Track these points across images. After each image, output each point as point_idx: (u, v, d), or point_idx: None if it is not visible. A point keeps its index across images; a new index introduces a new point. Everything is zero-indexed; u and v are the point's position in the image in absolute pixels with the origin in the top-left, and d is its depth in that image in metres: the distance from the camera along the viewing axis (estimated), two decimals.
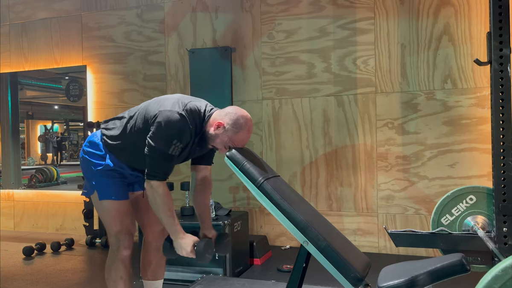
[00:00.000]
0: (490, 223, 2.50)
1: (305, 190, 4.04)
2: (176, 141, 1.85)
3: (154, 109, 1.92)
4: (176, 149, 1.86)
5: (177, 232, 1.91)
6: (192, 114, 1.90)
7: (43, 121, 6.85)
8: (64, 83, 5.22)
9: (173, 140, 1.84)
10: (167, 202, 1.91)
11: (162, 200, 1.89)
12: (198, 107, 1.94)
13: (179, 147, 1.87)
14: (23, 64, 5.13)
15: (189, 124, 1.88)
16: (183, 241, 1.90)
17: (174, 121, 1.84)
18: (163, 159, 1.87)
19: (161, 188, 1.89)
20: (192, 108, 1.91)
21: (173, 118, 1.85)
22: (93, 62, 4.80)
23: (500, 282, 1.23)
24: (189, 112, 1.89)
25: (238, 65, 4.24)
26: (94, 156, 2.07)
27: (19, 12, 5.12)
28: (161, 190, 1.89)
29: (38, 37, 5.04)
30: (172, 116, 1.85)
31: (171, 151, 1.85)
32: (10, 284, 3.20)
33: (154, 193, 1.89)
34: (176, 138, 1.85)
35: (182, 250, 1.90)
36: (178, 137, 1.85)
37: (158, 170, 1.88)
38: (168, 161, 1.88)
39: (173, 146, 1.85)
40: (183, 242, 1.90)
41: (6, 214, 5.17)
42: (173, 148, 1.85)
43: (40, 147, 6.76)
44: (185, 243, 1.90)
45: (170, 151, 1.85)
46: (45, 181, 5.49)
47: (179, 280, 3.13)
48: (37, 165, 6.29)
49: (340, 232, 1.95)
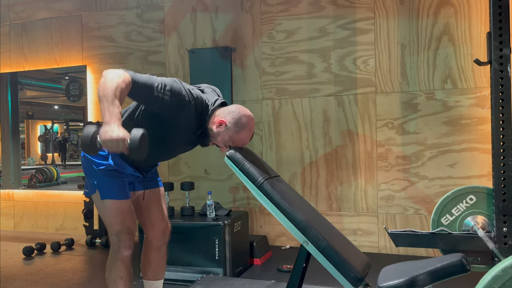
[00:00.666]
0: (490, 223, 2.50)
1: (305, 190, 4.04)
2: (169, 88, 1.77)
3: None
4: (163, 93, 1.75)
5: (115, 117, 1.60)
6: (196, 98, 1.89)
7: (43, 121, 6.86)
8: (64, 83, 5.22)
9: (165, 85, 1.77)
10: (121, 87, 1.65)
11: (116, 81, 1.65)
12: (203, 98, 1.94)
13: (166, 91, 1.77)
14: (23, 64, 5.13)
15: (191, 100, 1.85)
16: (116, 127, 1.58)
17: (173, 80, 1.83)
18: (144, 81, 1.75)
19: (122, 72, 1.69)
20: (198, 95, 1.91)
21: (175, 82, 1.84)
22: (93, 62, 4.80)
23: (500, 282, 1.23)
24: (193, 93, 1.89)
25: (238, 65, 4.24)
26: (96, 155, 2.06)
27: (19, 12, 5.12)
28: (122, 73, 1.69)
29: (38, 37, 5.04)
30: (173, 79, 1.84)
31: (156, 86, 1.75)
32: (10, 284, 3.20)
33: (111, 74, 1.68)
34: (170, 87, 1.78)
35: (112, 133, 1.55)
36: (172, 88, 1.79)
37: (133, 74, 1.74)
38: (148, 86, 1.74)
39: (161, 85, 1.76)
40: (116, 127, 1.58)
41: (6, 214, 5.16)
42: (160, 86, 1.75)
43: (40, 146, 6.77)
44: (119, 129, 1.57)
45: (156, 84, 1.76)
46: (45, 181, 5.49)
47: (179, 280, 3.13)
48: (37, 165, 6.30)
49: (340, 232, 1.96)
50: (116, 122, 1.59)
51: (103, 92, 1.63)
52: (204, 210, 3.42)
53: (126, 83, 1.68)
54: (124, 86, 1.67)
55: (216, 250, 3.10)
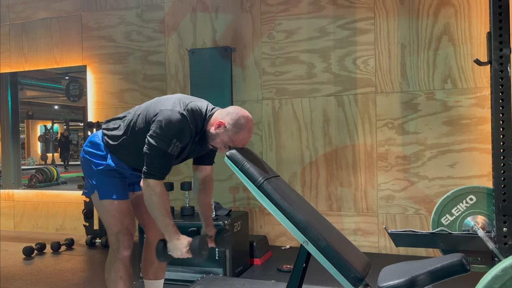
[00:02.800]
0: (490, 223, 2.50)
1: (305, 190, 4.04)
2: (176, 140, 1.84)
3: (155, 108, 1.92)
4: (176, 148, 1.86)
5: (172, 233, 1.88)
6: (193, 114, 1.90)
7: (43, 121, 6.85)
8: (64, 83, 5.22)
9: (173, 139, 1.84)
10: (164, 202, 1.89)
11: (159, 199, 1.88)
12: (199, 107, 1.94)
13: (179, 146, 1.86)
14: (23, 64, 5.13)
15: (190, 124, 1.88)
16: (178, 242, 1.87)
17: (174, 120, 1.84)
18: (162, 158, 1.87)
19: (158, 187, 1.88)
20: (193, 108, 1.91)
21: (173, 117, 1.84)
22: (93, 62, 4.80)
23: (500, 282, 1.23)
24: (190, 112, 1.89)
25: (238, 65, 4.24)
26: (95, 155, 2.07)
27: (19, 12, 5.12)
28: (158, 189, 1.88)
29: (38, 37, 5.04)
30: (172, 115, 1.85)
31: (171, 150, 1.85)
32: (10, 284, 3.20)
33: (150, 192, 1.88)
34: (176, 138, 1.84)
35: (177, 250, 1.87)
36: (178, 136, 1.85)
37: (156, 169, 1.87)
38: (166, 160, 1.87)
39: (173, 145, 1.84)
40: (178, 243, 1.87)
41: (6, 214, 5.16)
42: (172, 147, 1.85)
43: (40, 146, 6.76)
44: (181, 244, 1.87)
45: (169, 150, 1.85)
46: (45, 181, 5.49)
47: (179, 280, 3.13)
48: (37, 165, 6.29)
49: (340, 232, 1.95)
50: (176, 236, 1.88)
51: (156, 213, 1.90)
52: None
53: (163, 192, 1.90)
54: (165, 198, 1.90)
55: (216, 250, 3.10)
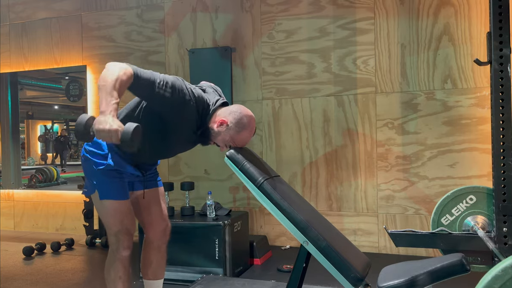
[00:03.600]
0: (490, 223, 2.50)
1: (305, 190, 4.04)
2: (169, 85, 1.76)
3: None
4: (163, 90, 1.75)
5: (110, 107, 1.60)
6: (197, 98, 1.88)
7: (43, 121, 6.85)
8: (64, 83, 5.22)
9: (165, 81, 1.77)
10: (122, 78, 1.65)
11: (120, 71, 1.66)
12: (204, 98, 1.93)
13: (168, 90, 1.77)
14: (23, 64, 5.13)
15: (191, 98, 1.85)
16: (110, 118, 1.58)
17: (177, 80, 1.82)
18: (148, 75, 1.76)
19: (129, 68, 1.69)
20: (199, 94, 1.91)
21: (177, 79, 1.83)
22: (93, 62, 4.80)
23: (500, 282, 1.23)
24: (196, 93, 1.88)
25: (238, 65, 4.24)
26: (96, 155, 2.06)
27: (19, 12, 5.12)
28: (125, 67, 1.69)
29: (38, 37, 5.04)
30: (175, 77, 1.84)
31: (158, 84, 1.75)
32: (10, 284, 3.20)
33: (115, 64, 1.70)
34: (172, 86, 1.77)
35: (106, 124, 1.56)
36: (173, 86, 1.78)
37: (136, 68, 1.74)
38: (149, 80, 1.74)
39: (163, 83, 1.76)
40: (110, 118, 1.58)
41: (6, 214, 5.16)
42: (162, 84, 1.75)
43: (40, 146, 6.76)
44: (112, 121, 1.57)
45: (157, 81, 1.75)
46: (45, 181, 5.49)
47: (179, 280, 3.13)
48: (37, 165, 6.29)
49: (340, 232, 1.96)
50: (112, 113, 1.59)
51: (103, 82, 1.64)
52: (204, 210, 3.42)
53: (127, 76, 1.68)
54: (125, 79, 1.66)
55: (216, 250, 3.10)
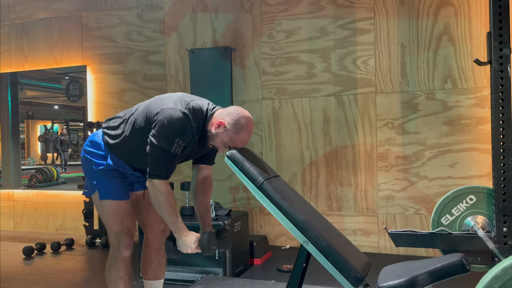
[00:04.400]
0: (490, 223, 2.50)
1: (305, 190, 4.04)
2: (179, 139, 1.85)
3: (156, 107, 1.91)
4: (178, 148, 1.86)
5: (180, 230, 1.91)
6: (194, 113, 1.89)
7: (43, 121, 6.85)
8: (64, 83, 5.22)
9: (175, 138, 1.84)
10: (170, 201, 1.90)
11: (165, 198, 1.89)
12: (200, 106, 1.94)
13: (181, 145, 1.86)
14: (23, 64, 5.13)
15: (192, 123, 1.87)
16: (187, 239, 1.90)
17: (176, 119, 1.84)
18: (165, 158, 1.87)
19: (164, 187, 1.89)
20: (195, 107, 1.91)
21: (175, 116, 1.84)
22: (93, 62, 4.80)
23: (500, 282, 1.23)
24: (192, 111, 1.89)
25: (238, 65, 4.24)
26: (96, 155, 2.06)
27: (19, 12, 5.12)
28: (164, 188, 1.89)
29: (38, 37, 5.04)
30: (174, 114, 1.84)
31: (174, 149, 1.85)
32: (10, 284, 3.20)
33: (156, 192, 1.89)
34: (179, 137, 1.84)
35: (187, 247, 1.91)
36: (180, 135, 1.85)
37: (160, 169, 1.88)
38: (170, 159, 1.88)
39: (175, 144, 1.84)
40: (187, 239, 1.90)
41: (6, 214, 5.16)
42: (175, 147, 1.85)
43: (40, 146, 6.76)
44: (190, 240, 1.90)
45: (172, 149, 1.85)
46: (45, 181, 5.49)
47: (179, 280, 3.13)
48: (37, 165, 6.29)
49: (340, 232, 1.95)
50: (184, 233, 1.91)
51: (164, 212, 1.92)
52: None
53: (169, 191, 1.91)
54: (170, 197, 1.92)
55: (216, 250, 3.09)
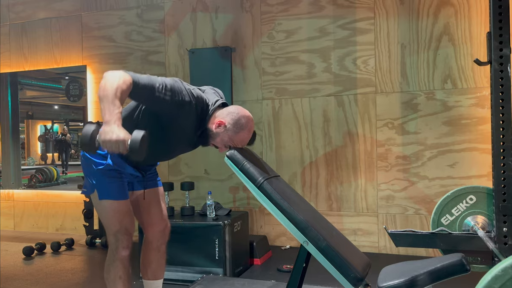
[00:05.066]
0: (490, 223, 2.50)
1: (305, 190, 4.04)
2: (168, 88, 1.77)
3: None
4: (163, 94, 1.76)
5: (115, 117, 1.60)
6: (196, 97, 1.88)
7: (43, 121, 6.85)
8: (64, 83, 5.22)
9: (164, 84, 1.78)
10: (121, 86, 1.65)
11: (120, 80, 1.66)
12: (203, 97, 1.93)
13: (168, 93, 1.77)
14: (23, 64, 5.13)
15: (191, 98, 1.85)
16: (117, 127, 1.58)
17: (175, 82, 1.83)
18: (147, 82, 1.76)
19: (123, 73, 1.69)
20: (198, 94, 1.91)
21: (175, 81, 1.83)
22: (93, 62, 4.80)
23: (500, 282, 1.23)
24: (194, 93, 1.88)
25: (238, 65, 4.24)
26: (95, 155, 2.06)
27: (19, 12, 5.12)
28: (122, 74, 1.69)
29: (38, 37, 5.04)
30: (175, 81, 1.84)
31: (158, 88, 1.75)
32: (10, 284, 3.20)
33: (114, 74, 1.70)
34: (171, 89, 1.78)
35: (113, 134, 1.55)
36: (172, 89, 1.79)
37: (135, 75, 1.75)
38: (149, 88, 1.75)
39: (163, 87, 1.76)
40: (116, 128, 1.57)
41: (6, 214, 5.16)
42: (161, 88, 1.76)
43: (40, 146, 6.77)
44: (119, 130, 1.57)
45: (156, 86, 1.76)
46: (45, 181, 5.49)
47: (179, 280, 3.13)
48: (37, 165, 6.29)
49: (340, 232, 1.96)
50: (116, 122, 1.59)
51: (103, 92, 1.64)
52: (204, 210, 3.42)
53: (126, 84, 1.68)
54: (124, 88, 1.67)
55: (216, 250, 3.10)
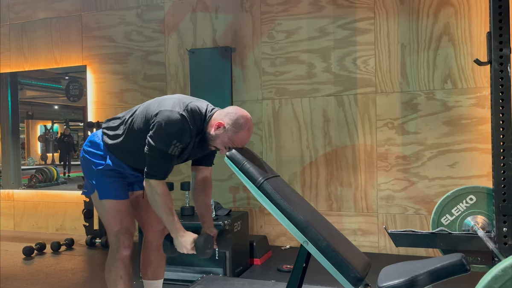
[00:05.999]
0: (490, 223, 2.50)
1: (305, 190, 4.04)
2: (176, 141, 1.85)
3: (155, 109, 1.92)
4: (176, 149, 1.86)
5: (177, 230, 1.91)
6: (193, 115, 1.90)
7: (43, 121, 6.85)
8: (64, 83, 5.22)
9: (172, 140, 1.84)
10: (167, 201, 1.91)
11: (162, 199, 1.90)
12: (199, 108, 1.94)
13: (179, 147, 1.86)
14: (23, 64, 5.13)
15: (190, 125, 1.87)
16: (183, 239, 1.90)
17: (174, 121, 1.84)
18: (162, 159, 1.87)
19: (160, 187, 1.89)
20: (193, 109, 1.91)
21: (173, 118, 1.84)
22: (93, 62, 4.80)
23: (500, 282, 1.23)
24: (190, 113, 1.89)
25: (238, 65, 4.24)
26: (95, 155, 2.07)
27: (19, 12, 5.12)
28: (160, 189, 1.89)
29: (38, 37, 5.04)
30: (172, 116, 1.85)
31: (171, 151, 1.85)
32: (10, 284, 3.20)
33: (153, 192, 1.89)
34: (176, 139, 1.85)
35: (183, 247, 1.91)
36: (178, 137, 1.85)
37: (157, 169, 1.88)
38: (167, 160, 1.88)
39: (173, 145, 1.85)
40: (183, 239, 1.90)
41: (6, 214, 5.16)
42: (172, 148, 1.85)
43: (40, 146, 6.76)
44: (185, 241, 1.90)
45: (169, 151, 1.85)
46: (45, 181, 5.49)
47: (179, 280, 3.13)
48: (37, 165, 6.29)
49: (340, 232, 1.95)
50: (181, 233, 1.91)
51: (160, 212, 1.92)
52: None
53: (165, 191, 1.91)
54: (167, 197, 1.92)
55: (216, 250, 3.10)
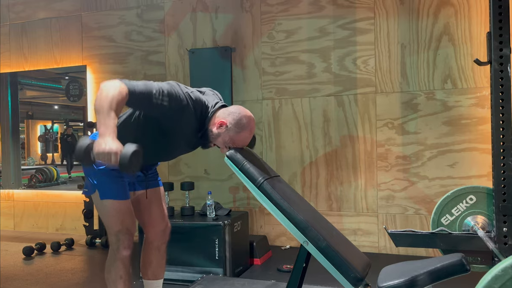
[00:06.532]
0: (490, 223, 2.50)
1: (305, 190, 4.04)
2: (164, 92, 1.77)
3: None
4: (161, 97, 1.75)
5: (109, 130, 1.60)
6: (195, 101, 1.88)
7: (43, 121, 6.85)
8: (64, 83, 5.22)
9: (162, 89, 1.77)
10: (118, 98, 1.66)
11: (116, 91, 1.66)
12: (203, 100, 1.93)
13: (165, 100, 1.77)
14: (23, 64, 5.13)
15: (189, 102, 1.84)
16: (110, 139, 1.58)
17: (172, 87, 1.82)
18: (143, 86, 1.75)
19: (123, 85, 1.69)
20: (197, 97, 1.90)
21: (173, 86, 1.83)
22: (93, 62, 4.80)
23: (500, 282, 1.23)
24: (193, 98, 1.88)
25: (238, 65, 4.24)
26: None
27: (19, 12, 5.12)
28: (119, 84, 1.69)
29: (38, 37, 5.04)
30: (172, 86, 1.83)
31: (155, 95, 1.75)
32: (10, 284, 3.20)
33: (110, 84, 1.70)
34: (167, 91, 1.78)
35: (104, 146, 1.56)
36: (169, 92, 1.78)
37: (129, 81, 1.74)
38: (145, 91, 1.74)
39: (160, 93, 1.76)
40: (110, 140, 1.58)
41: (6, 214, 5.16)
42: (158, 93, 1.75)
43: (40, 146, 6.77)
44: (112, 142, 1.57)
45: (154, 91, 1.75)
46: (45, 181, 5.49)
47: (179, 280, 3.13)
48: (37, 165, 6.29)
49: (340, 232, 1.96)
50: (111, 135, 1.59)
51: (99, 104, 1.65)
52: (204, 210, 3.42)
53: (122, 95, 1.69)
54: (120, 98, 1.68)
55: (216, 250, 3.10)
